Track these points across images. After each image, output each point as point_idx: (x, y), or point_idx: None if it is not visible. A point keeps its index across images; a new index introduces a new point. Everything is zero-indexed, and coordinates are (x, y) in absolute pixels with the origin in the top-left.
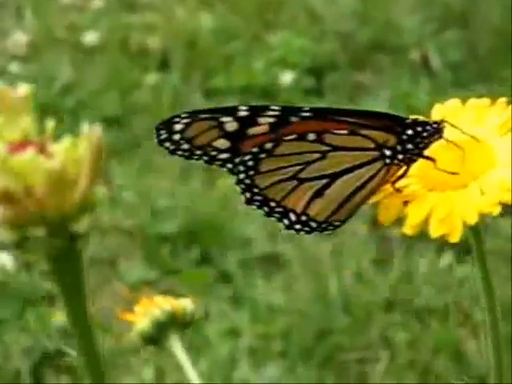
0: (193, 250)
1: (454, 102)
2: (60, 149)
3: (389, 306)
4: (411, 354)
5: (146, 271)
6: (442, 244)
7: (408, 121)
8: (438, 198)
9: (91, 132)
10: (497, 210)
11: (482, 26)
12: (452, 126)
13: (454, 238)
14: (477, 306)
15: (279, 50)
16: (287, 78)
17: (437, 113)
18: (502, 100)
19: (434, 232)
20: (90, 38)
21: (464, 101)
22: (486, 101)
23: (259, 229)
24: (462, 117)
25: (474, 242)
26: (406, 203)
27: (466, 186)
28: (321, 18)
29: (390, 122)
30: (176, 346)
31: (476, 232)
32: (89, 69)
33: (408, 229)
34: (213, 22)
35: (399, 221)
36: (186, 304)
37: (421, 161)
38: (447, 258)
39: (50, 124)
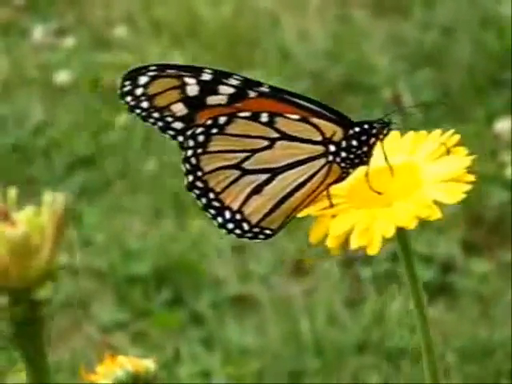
0: (164, 291)
1: (394, 133)
2: (23, 217)
3: (361, 348)
4: None
5: (118, 313)
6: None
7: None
8: (362, 213)
9: (54, 200)
10: (413, 225)
11: (453, 65)
12: (382, 151)
13: (373, 250)
14: (448, 347)
15: None
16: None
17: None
18: (437, 131)
19: (354, 243)
20: (62, 77)
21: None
22: (423, 132)
23: (231, 270)
24: (401, 144)
25: (407, 275)
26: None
27: (391, 205)
28: (293, 56)
29: (340, 118)
30: None
31: (409, 264)
32: (60, 108)
33: (330, 240)
34: (185, 60)
35: (369, 261)
36: (148, 364)
37: (350, 181)
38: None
39: (12, 192)
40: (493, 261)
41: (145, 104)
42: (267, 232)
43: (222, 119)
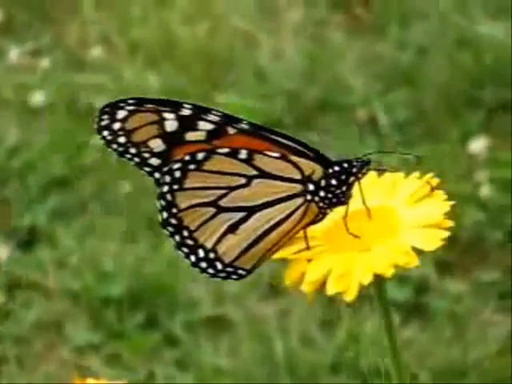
0: (139, 313)
1: (371, 175)
2: None
3: (335, 368)
4: None
5: (92, 335)
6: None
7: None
8: (339, 258)
9: None
10: (390, 272)
11: (429, 85)
12: (360, 192)
13: (350, 296)
14: (422, 368)
15: (227, 110)
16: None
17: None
18: (415, 174)
19: (331, 289)
20: (37, 98)
21: (409, 160)
22: (400, 174)
23: (205, 291)
24: (379, 187)
25: (377, 299)
26: (309, 261)
27: (368, 250)
28: (268, 76)
29: (319, 156)
30: None
31: (380, 290)
32: (36, 129)
33: (306, 285)
34: (160, 81)
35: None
36: None
37: (327, 223)
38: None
39: None
40: (467, 281)
41: (122, 139)
42: (240, 272)
43: (200, 155)
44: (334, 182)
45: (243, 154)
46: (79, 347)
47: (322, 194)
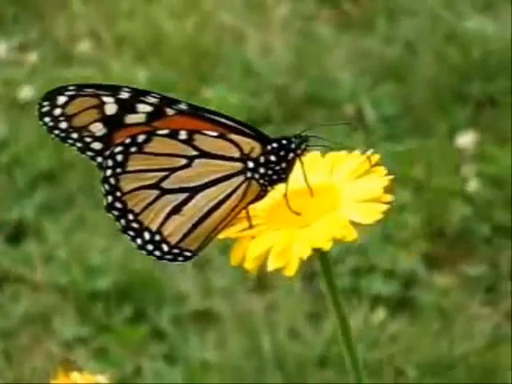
0: (126, 306)
1: (314, 154)
2: None
3: (322, 362)
4: None
5: (79, 328)
6: (376, 300)
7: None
8: (280, 234)
9: None
10: (328, 246)
11: (416, 79)
12: (301, 170)
13: (290, 271)
14: (409, 362)
15: (214, 105)
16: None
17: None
18: (357, 152)
19: (271, 265)
20: (25, 93)
21: (396, 155)
22: (343, 153)
23: (192, 285)
24: (321, 165)
25: (328, 292)
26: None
27: (309, 226)
28: (256, 71)
29: (258, 134)
30: None
31: (329, 282)
32: (23, 124)
33: (248, 263)
34: (148, 76)
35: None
36: (100, 380)
37: (269, 202)
38: (380, 314)
39: None
40: (454, 275)
41: (63, 124)
42: (186, 254)
43: (141, 137)
44: (272, 158)
45: (183, 135)
46: (67, 341)
47: (261, 170)
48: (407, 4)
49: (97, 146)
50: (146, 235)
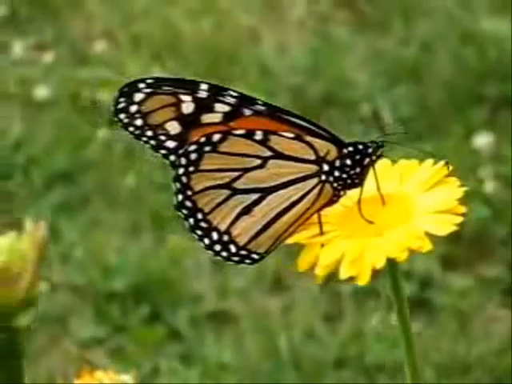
0: (143, 306)
1: (384, 161)
2: (4, 245)
3: (339, 363)
4: None
5: (96, 329)
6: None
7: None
8: (352, 242)
9: (35, 228)
10: (403, 256)
11: (433, 81)
12: (374, 179)
13: (363, 280)
14: (427, 363)
15: None
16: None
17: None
18: (429, 161)
19: (344, 273)
20: (41, 92)
21: (410, 156)
22: (414, 161)
23: (209, 285)
24: (392, 173)
25: (393, 296)
26: (322, 246)
27: (381, 235)
28: (273, 71)
29: (335, 138)
30: None
31: (396, 287)
32: (40, 124)
33: (320, 270)
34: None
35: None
36: (126, 379)
37: (340, 209)
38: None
39: None
40: (471, 276)
41: (139, 122)
42: (254, 256)
43: (216, 137)
44: (348, 162)
45: (259, 135)
46: (83, 341)
47: (336, 174)
48: (423, 5)
49: (170, 144)
50: (214, 235)
